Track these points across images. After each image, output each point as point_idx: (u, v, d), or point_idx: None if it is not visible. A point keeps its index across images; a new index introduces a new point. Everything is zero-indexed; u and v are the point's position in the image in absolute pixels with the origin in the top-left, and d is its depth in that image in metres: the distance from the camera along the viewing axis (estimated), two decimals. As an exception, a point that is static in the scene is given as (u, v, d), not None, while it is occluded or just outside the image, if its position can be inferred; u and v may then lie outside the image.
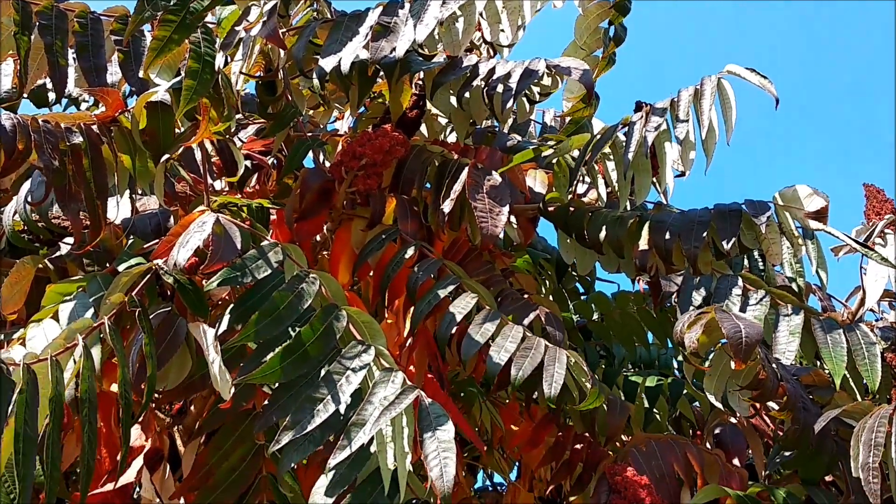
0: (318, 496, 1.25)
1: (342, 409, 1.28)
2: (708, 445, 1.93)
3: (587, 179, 2.00)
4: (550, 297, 2.34)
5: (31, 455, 1.09)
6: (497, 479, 2.93)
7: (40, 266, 1.62)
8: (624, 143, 1.78)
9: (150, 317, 1.39)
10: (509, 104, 1.67)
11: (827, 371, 1.68)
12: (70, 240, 1.63)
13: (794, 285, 1.92)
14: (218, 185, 1.91)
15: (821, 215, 1.64)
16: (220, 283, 1.35)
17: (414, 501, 1.30)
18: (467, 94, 1.83)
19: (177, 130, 1.61)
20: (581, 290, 2.59)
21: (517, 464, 2.59)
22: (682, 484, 1.76)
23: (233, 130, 1.81)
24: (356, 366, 1.32)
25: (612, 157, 1.87)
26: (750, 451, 2.00)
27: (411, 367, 1.79)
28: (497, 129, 2.22)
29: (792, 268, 1.88)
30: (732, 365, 1.48)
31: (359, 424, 1.24)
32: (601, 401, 1.63)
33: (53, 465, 1.14)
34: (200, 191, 1.58)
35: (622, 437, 2.15)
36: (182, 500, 1.59)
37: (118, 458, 1.62)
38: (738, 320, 1.45)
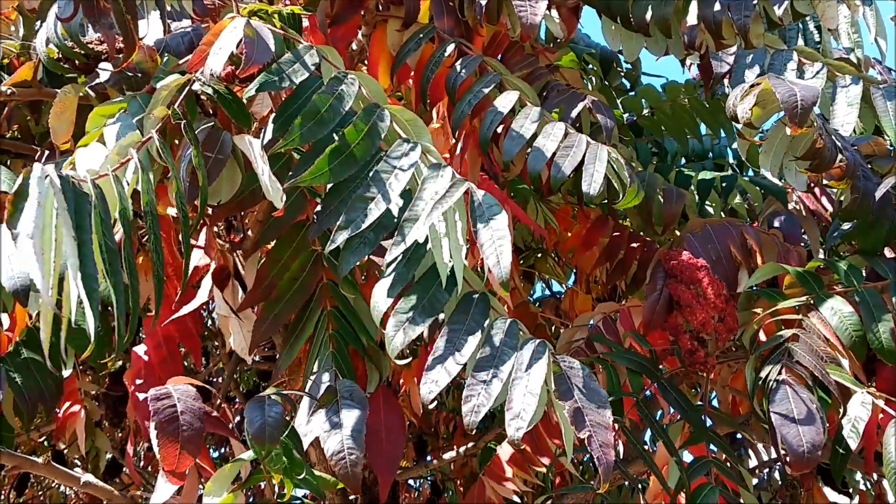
0: (378, 297, 1.26)
1: (392, 207, 1.28)
2: (763, 231, 1.91)
3: (630, -38, 1.89)
4: (597, 94, 2.28)
5: (116, 265, 1.11)
6: (555, 287, 2.98)
7: (81, 94, 1.61)
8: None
9: (196, 132, 1.39)
10: None
11: (888, 140, 1.63)
12: (108, 66, 1.61)
13: (852, 56, 1.83)
14: (248, -1, 1.85)
15: (879, -32, 1.54)
16: (258, 89, 1.32)
17: (470, 294, 1.31)
18: None
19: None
20: (627, 87, 2.52)
21: (573, 271, 2.61)
22: (739, 265, 1.75)
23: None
24: (404, 164, 1.30)
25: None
26: (806, 237, 1.98)
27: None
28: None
29: (849, 37, 1.78)
30: (788, 131, 1.43)
31: (412, 220, 1.24)
32: (640, 198, 1.60)
33: (132, 276, 1.16)
34: (229, 1, 1.54)
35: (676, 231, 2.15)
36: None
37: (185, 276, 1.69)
38: (793, 84, 1.39)
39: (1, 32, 1.81)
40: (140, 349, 1.67)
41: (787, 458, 1.39)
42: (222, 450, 3.29)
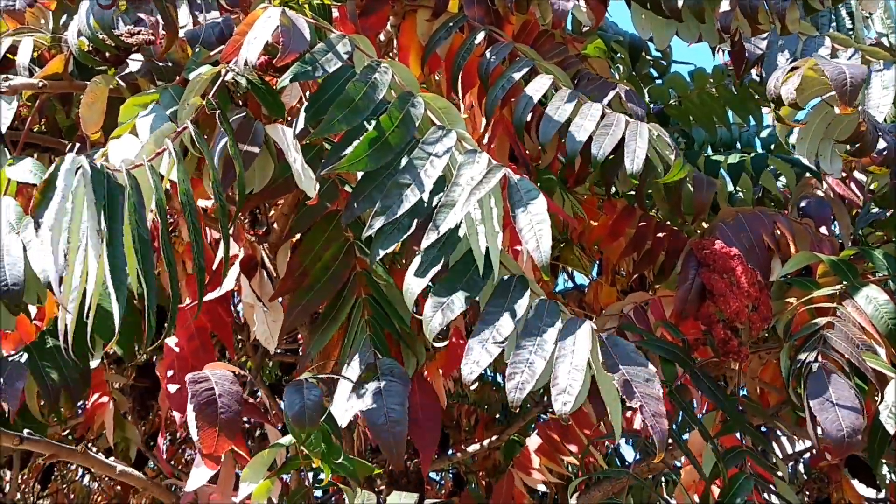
0: (409, 279, 1.25)
1: (426, 196, 1.27)
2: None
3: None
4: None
5: (149, 255, 1.10)
6: (579, 279, 2.97)
7: (112, 87, 1.61)
8: None
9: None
10: None
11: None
12: (139, 56, 1.61)
13: (884, 41, 1.81)
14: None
15: (920, -48, 1.52)
16: (292, 79, 1.31)
17: (507, 278, 1.30)
18: None
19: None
20: (655, 75, 2.51)
21: (598, 263, 2.60)
22: (772, 254, 1.74)
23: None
24: (439, 150, 1.29)
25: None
26: (836, 222, 1.97)
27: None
28: None
29: (883, 23, 1.76)
30: (837, 110, 1.40)
31: (448, 206, 1.23)
32: (685, 171, 1.59)
33: (171, 266, 1.16)
34: (260, -9, 1.53)
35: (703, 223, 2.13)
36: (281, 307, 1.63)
37: (213, 268, 1.69)
38: (840, 63, 1.37)
39: (31, 25, 1.81)
40: (171, 341, 1.67)
41: (825, 445, 1.37)
42: (248, 442, 3.29)
